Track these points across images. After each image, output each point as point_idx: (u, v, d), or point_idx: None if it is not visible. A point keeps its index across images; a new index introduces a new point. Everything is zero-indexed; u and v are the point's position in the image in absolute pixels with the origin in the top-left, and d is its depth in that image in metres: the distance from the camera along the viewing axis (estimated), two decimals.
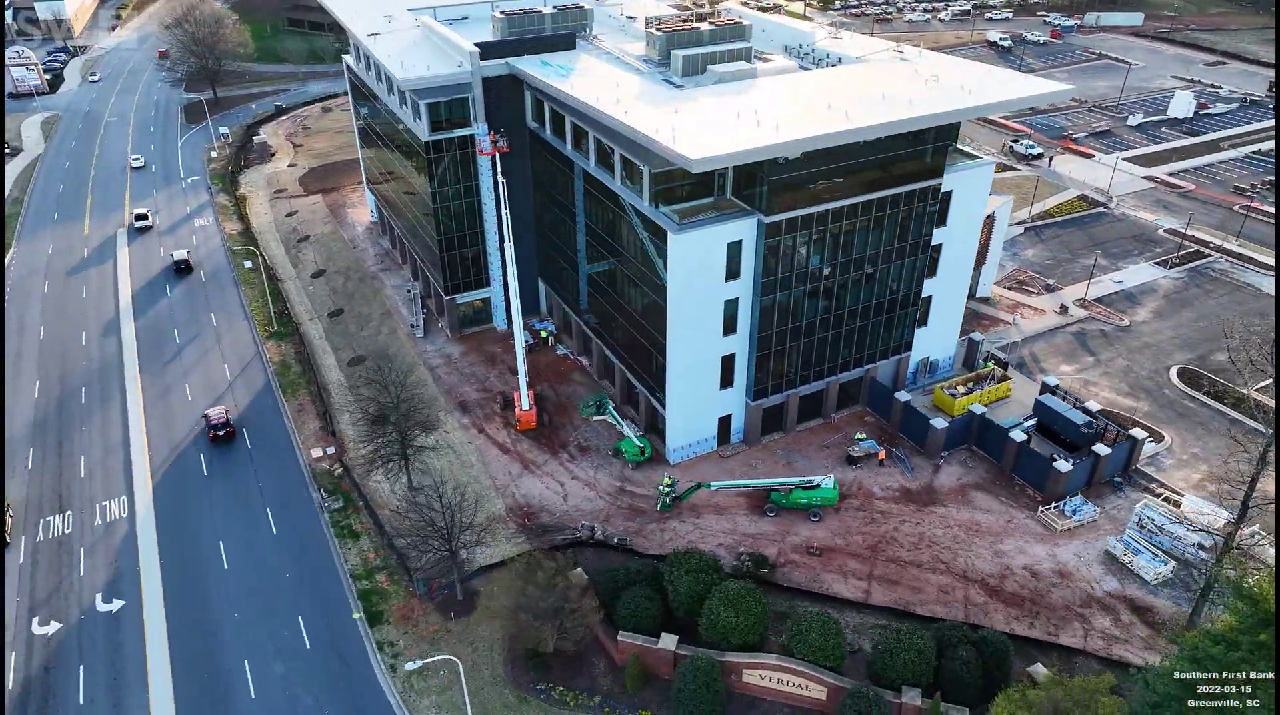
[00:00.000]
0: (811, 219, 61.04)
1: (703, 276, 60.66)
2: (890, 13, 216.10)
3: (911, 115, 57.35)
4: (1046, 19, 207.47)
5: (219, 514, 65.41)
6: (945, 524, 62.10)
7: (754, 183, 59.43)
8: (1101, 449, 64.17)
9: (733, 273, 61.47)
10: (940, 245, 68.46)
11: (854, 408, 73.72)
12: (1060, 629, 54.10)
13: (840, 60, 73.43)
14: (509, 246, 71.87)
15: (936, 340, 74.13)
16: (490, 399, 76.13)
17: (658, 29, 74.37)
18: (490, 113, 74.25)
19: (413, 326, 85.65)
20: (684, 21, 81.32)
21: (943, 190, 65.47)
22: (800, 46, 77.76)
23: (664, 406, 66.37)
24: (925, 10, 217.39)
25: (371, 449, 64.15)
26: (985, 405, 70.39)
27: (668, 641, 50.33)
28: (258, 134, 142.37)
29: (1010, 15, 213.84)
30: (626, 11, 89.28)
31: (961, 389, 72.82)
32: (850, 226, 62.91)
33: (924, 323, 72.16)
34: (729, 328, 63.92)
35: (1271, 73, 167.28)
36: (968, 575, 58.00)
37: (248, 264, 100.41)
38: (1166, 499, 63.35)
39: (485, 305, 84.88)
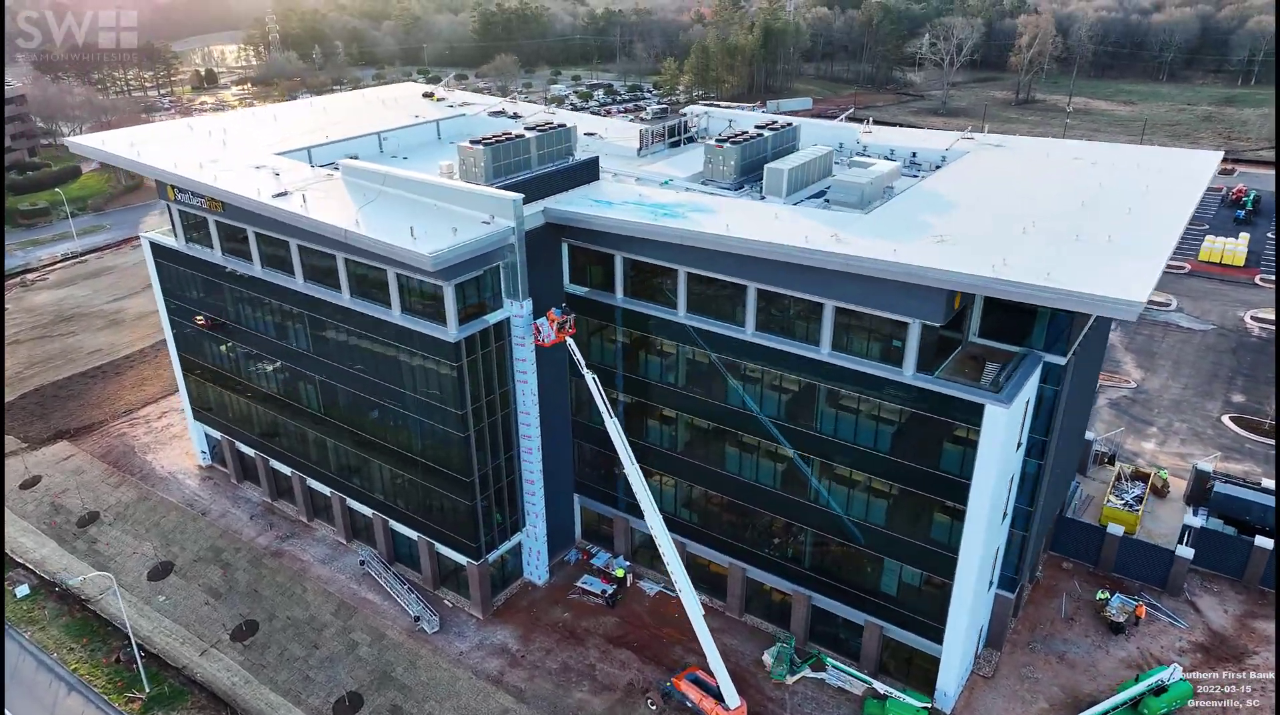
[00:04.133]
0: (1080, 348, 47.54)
1: (1005, 453, 43.72)
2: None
3: (1190, 204, 47.46)
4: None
5: None
6: None
7: (1023, 315, 44.55)
8: None
9: (1020, 439, 45.49)
10: None
11: (1042, 556, 60.54)
12: None
13: (916, 155, 62.06)
14: (634, 468, 47.90)
15: None
16: (629, 700, 50.10)
17: (721, 141, 56.48)
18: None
19: (417, 620, 55.20)
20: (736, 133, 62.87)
21: None
22: (842, 145, 64.71)
23: (939, 641, 47.27)
24: (623, 111, 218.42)
25: None
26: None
27: None
28: None
29: None
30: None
31: (1115, 500, 63.55)
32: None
33: None
34: (1005, 510, 47.46)
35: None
36: None
37: (19, 590, 60.32)
38: None
39: (513, 557, 57.87)
